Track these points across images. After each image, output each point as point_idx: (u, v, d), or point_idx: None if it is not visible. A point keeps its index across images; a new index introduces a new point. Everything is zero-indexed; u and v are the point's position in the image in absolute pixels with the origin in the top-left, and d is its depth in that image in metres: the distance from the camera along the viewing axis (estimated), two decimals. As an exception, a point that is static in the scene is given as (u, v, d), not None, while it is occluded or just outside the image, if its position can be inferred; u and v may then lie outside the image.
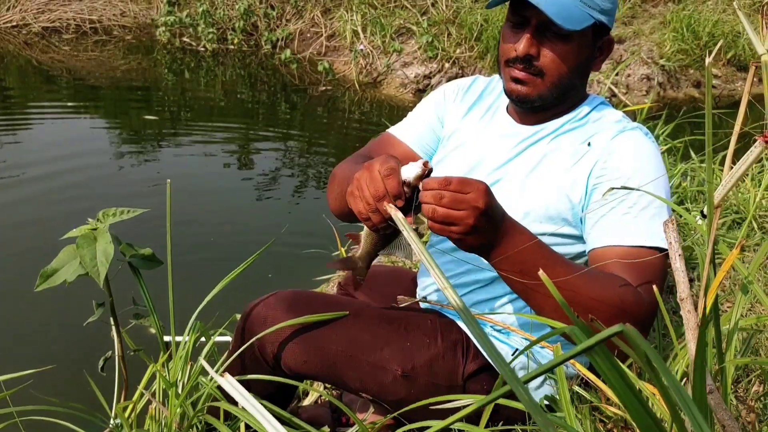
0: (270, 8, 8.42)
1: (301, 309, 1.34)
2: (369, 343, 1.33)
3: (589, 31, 1.24)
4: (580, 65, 1.28)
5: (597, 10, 1.22)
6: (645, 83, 6.67)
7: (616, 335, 0.46)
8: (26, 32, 8.69)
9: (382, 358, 1.32)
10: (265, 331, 1.33)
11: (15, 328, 2.61)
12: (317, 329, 1.33)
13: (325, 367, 1.34)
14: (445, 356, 1.33)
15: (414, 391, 1.31)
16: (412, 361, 1.32)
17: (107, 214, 1.48)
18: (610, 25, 1.27)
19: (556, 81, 1.26)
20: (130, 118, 5.87)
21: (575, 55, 1.25)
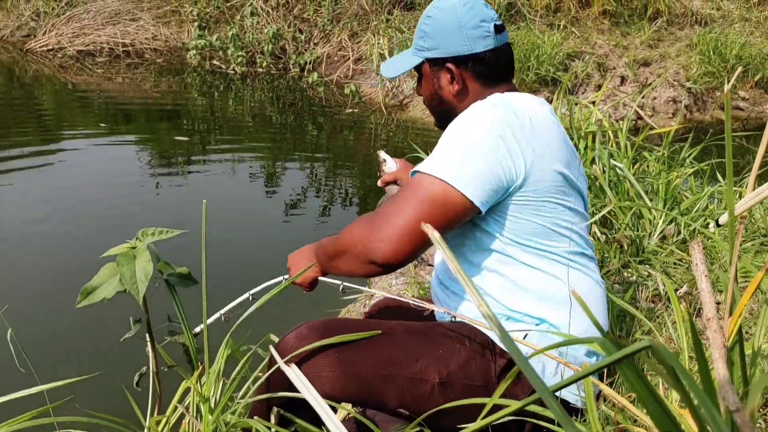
0: (298, 32, 8.56)
1: (333, 336, 1.36)
2: (403, 359, 1.35)
3: (425, 67, 1.55)
4: (433, 94, 1.57)
5: (423, 50, 1.53)
6: (671, 106, 6.65)
7: (644, 350, 0.48)
8: (62, 55, 8.92)
9: (418, 370, 1.35)
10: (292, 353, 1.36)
11: (56, 342, 2.67)
12: (351, 355, 1.35)
13: (364, 391, 1.36)
14: (476, 357, 1.37)
15: (452, 397, 1.34)
16: (447, 367, 1.35)
17: (146, 233, 1.53)
18: (444, 55, 1.49)
19: (432, 107, 1.61)
20: (161, 140, 5.98)
21: (426, 87, 1.58)
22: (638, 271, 2.36)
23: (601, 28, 7.61)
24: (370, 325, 1.43)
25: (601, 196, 2.82)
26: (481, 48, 1.46)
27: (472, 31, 1.45)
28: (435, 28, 1.49)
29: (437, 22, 1.48)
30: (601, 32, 7.52)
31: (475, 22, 1.45)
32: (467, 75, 1.50)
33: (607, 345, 0.54)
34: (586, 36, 7.34)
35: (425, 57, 1.53)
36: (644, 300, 2.11)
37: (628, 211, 2.71)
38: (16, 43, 9.68)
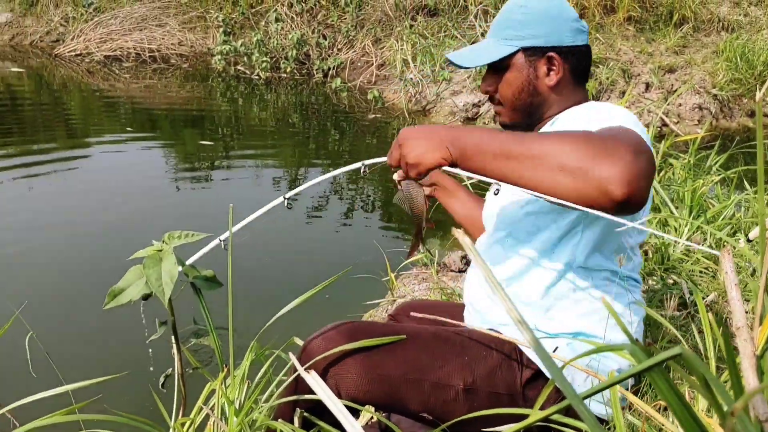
0: (322, 38, 8.61)
1: (360, 338, 1.36)
2: (429, 364, 1.35)
3: (519, 57, 1.45)
4: (526, 85, 1.46)
5: (516, 39, 1.44)
6: (697, 113, 6.58)
7: (674, 358, 0.48)
8: (89, 60, 9.05)
9: (443, 375, 1.34)
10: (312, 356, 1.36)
11: (82, 343, 2.70)
12: (376, 358, 1.35)
13: (388, 394, 1.35)
14: (502, 366, 1.36)
15: (476, 404, 1.34)
16: (473, 374, 1.35)
17: (172, 236, 1.55)
18: (546, 44, 1.42)
19: (513, 105, 1.49)
20: (186, 144, 6.04)
21: (515, 79, 1.46)
22: (663, 279, 2.34)
23: (625, 34, 7.56)
24: (395, 329, 1.43)
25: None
26: (581, 42, 1.45)
27: (574, 23, 1.44)
28: (534, 17, 1.43)
29: (537, 11, 1.43)
30: (626, 38, 7.47)
31: (573, 16, 1.45)
32: (566, 67, 1.45)
33: (637, 353, 0.54)
34: (610, 42, 7.30)
35: (522, 46, 1.44)
36: (670, 308, 2.10)
37: (654, 219, 2.69)
38: (45, 48, 9.84)
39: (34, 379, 2.34)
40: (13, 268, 3.37)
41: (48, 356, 1.63)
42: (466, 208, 1.79)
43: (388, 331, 1.41)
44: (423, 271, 3.08)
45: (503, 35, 1.46)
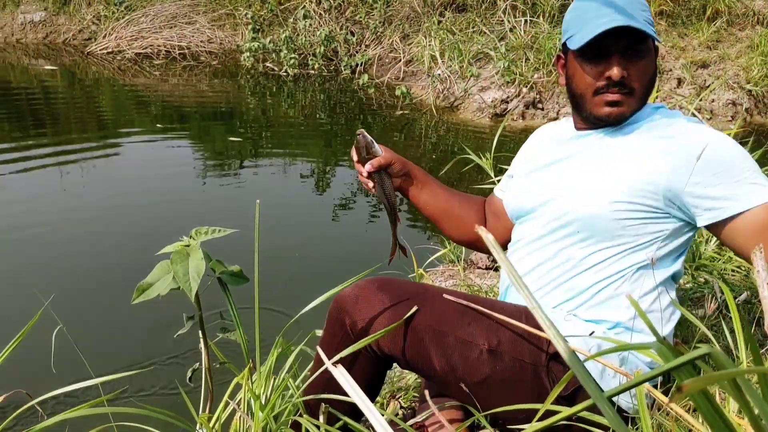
0: (350, 34, 8.62)
1: (392, 290, 1.39)
2: (456, 319, 1.36)
3: (650, 45, 1.41)
4: (653, 76, 1.44)
5: (651, 24, 1.39)
6: (730, 108, 6.46)
7: (703, 357, 0.47)
8: (120, 58, 9.17)
9: (469, 332, 1.35)
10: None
11: (110, 337, 2.74)
12: (407, 307, 1.36)
13: (413, 343, 1.36)
14: (530, 334, 1.35)
15: (499, 367, 1.34)
16: (498, 336, 1.35)
17: (200, 232, 1.56)
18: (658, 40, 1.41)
19: (641, 95, 1.42)
20: (215, 140, 6.09)
21: (650, 68, 1.42)
22: (695, 278, 2.30)
23: (657, 29, 7.44)
24: (427, 289, 1.45)
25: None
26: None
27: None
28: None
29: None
30: (658, 34, 7.36)
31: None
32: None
33: (664, 352, 0.52)
34: (642, 37, 7.19)
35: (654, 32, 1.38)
36: (700, 307, 2.06)
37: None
38: (77, 46, 9.99)
39: (61, 372, 2.38)
40: (41, 260, 3.43)
41: (77, 349, 1.65)
42: (439, 200, 1.74)
43: (419, 288, 1.44)
44: (450, 268, 3.07)
45: (643, 17, 1.37)
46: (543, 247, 1.48)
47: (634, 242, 1.37)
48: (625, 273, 1.38)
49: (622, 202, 1.35)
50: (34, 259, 3.44)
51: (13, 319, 2.78)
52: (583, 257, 1.41)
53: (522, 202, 1.58)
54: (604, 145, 1.46)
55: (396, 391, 2.04)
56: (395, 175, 1.69)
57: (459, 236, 1.80)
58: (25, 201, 4.28)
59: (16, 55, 9.74)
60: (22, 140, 5.72)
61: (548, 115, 6.56)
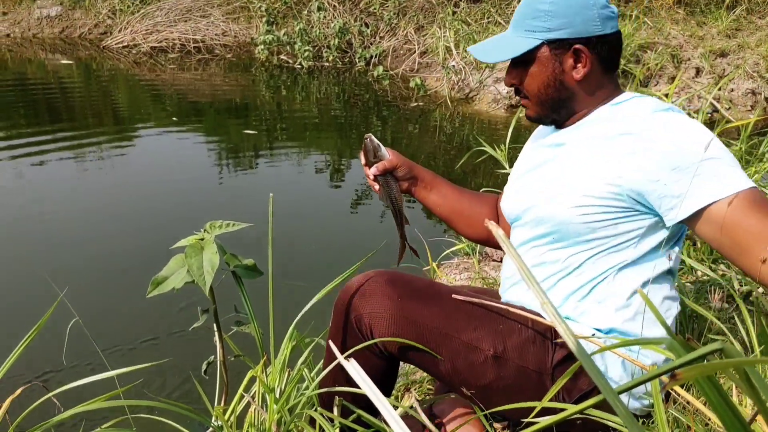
0: (364, 26, 8.60)
1: (400, 285, 1.38)
2: (462, 323, 1.35)
3: (543, 50, 1.39)
4: (552, 80, 1.41)
5: (541, 31, 1.38)
6: (750, 98, 6.38)
7: (715, 352, 0.46)
8: (136, 52, 9.22)
9: (474, 337, 1.34)
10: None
11: (125, 329, 2.76)
12: (413, 304, 1.36)
13: (419, 340, 1.36)
14: (535, 341, 1.34)
15: (503, 374, 1.33)
16: (504, 343, 1.34)
17: (214, 225, 1.56)
18: (572, 36, 1.36)
19: (537, 98, 1.45)
20: (230, 133, 6.11)
21: (540, 73, 1.42)
22: (713, 270, 2.28)
23: (675, 18, 7.36)
24: (435, 287, 1.44)
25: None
26: (609, 29, 1.38)
27: (602, 11, 1.37)
28: (560, 6, 1.36)
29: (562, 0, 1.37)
30: (676, 22, 7.27)
31: (603, 2, 1.37)
32: (594, 58, 1.39)
33: (675, 347, 0.52)
34: (659, 26, 7.12)
35: (546, 39, 1.38)
36: (717, 300, 2.04)
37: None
38: (93, 40, 10.05)
39: (76, 363, 2.40)
40: (56, 251, 3.46)
41: (94, 342, 1.67)
42: (449, 201, 1.72)
43: (428, 284, 1.43)
44: (465, 261, 3.06)
45: (527, 26, 1.40)
46: (528, 252, 1.47)
47: (609, 243, 1.33)
48: (607, 274, 1.34)
49: (587, 206, 1.31)
50: (49, 250, 3.47)
51: (29, 308, 2.82)
52: (563, 260, 1.39)
53: (510, 208, 1.56)
54: (572, 147, 1.43)
55: (410, 384, 2.04)
56: (402, 179, 1.67)
57: (472, 234, 1.78)
58: (41, 192, 4.32)
59: (33, 49, 9.81)
60: (39, 133, 5.77)
61: (564, 105, 6.51)
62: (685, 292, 1.92)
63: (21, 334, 1.28)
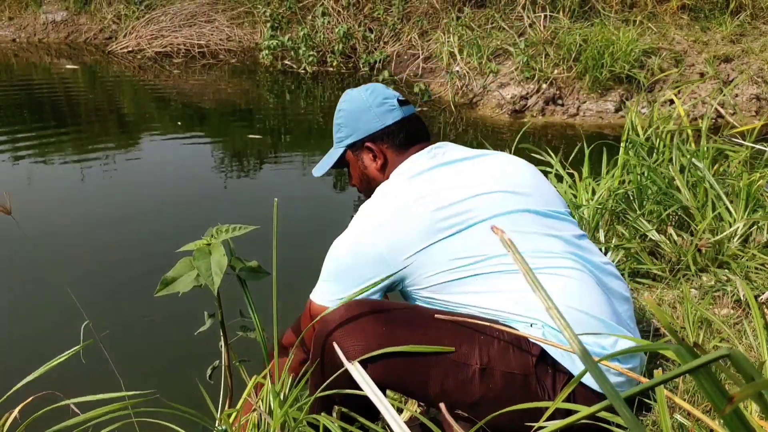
0: (368, 31, 8.61)
1: (382, 316, 1.40)
2: (448, 342, 1.37)
3: (348, 155, 1.77)
4: (361, 175, 1.78)
5: (342, 140, 1.77)
6: (754, 103, 6.37)
7: (722, 359, 0.46)
8: (140, 57, 9.24)
9: (462, 353, 1.36)
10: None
11: (132, 333, 2.76)
12: (399, 335, 1.37)
13: (407, 371, 1.37)
14: (514, 344, 1.37)
15: (491, 385, 1.35)
16: (488, 353, 1.36)
17: (220, 230, 1.57)
18: (360, 137, 1.72)
19: (361, 190, 1.84)
20: (234, 138, 6.12)
21: (354, 173, 1.80)
22: (717, 275, 2.27)
23: (679, 23, 7.36)
24: (416, 308, 1.49)
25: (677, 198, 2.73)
26: (391, 120, 1.69)
27: (379, 109, 1.69)
28: (346, 117, 1.73)
29: (347, 111, 1.73)
30: (680, 28, 7.27)
31: (379, 101, 1.69)
32: (384, 147, 1.70)
33: (682, 353, 0.52)
34: (663, 32, 7.12)
35: (345, 145, 1.75)
36: (724, 306, 2.04)
37: (709, 213, 2.61)
38: (98, 45, 10.09)
39: (83, 369, 2.40)
40: (61, 255, 3.47)
41: (104, 349, 1.67)
42: None
43: (408, 309, 1.49)
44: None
45: (336, 139, 1.78)
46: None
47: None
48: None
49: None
50: (54, 254, 3.48)
51: (36, 311, 2.83)
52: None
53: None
54: None
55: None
56: None
57: None
58: (46, 196, 4.33)
59: (39, 54, 9.85)
60: (44, 138, 5.79)
61: (568, 111, 6.51)
62: (689, 298, 1.91)
63: (31, 336, 1.28)
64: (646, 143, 3.28)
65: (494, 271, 1.43)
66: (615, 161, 3.09)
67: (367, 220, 1.56)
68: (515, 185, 1.57)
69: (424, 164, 1.62)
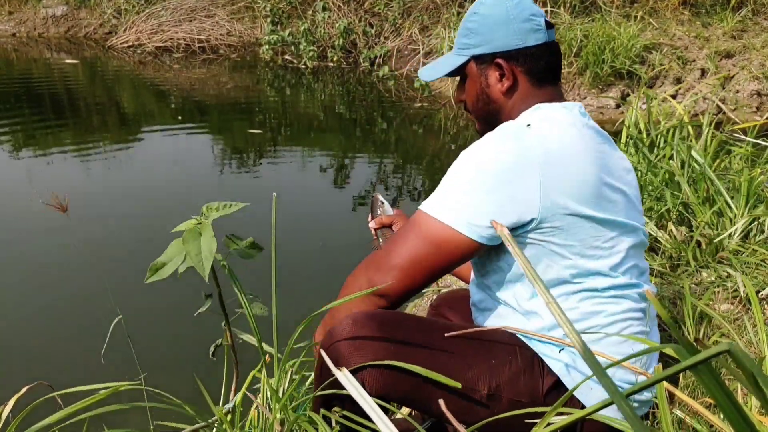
0: (369, 26, 8.60)
1: (390, 330, 1.32)
2: (457, 365, 1.32)
3: (471, 66, 1.49)
4: (480, 93, 1.50)
5: (468, 48, 1.48)
6: (755, 99, 6.36)
7: (722, 354, 0.46)
8: (141, 52, 9.23)
9: (469, 378, 1.31)
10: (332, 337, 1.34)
11: (128, 319, 2.75)
12: (407, 352, 1.30)
13: (413, 389, 1.32)
14: (525, 372, 1.33)
15: (497, 411, 1.30)
16: (497, 379, 1.31)
17: (210, 208, 1.54)
18: (492, 51, 1.44)
19: (474, 112, 1.55)
20: (234, 133, 6.11)
21: (471, 88, 1.52)
22: (717, 271, 2.27)
23: (680, 18, 7.34)
24: (426, 324, 1.40)
25: (677, 193, 2.73)
26: (533, 42, 1.42)
27: (523, 24, 1.41)
28: (482, 23, 1.45)
29: (484, 17, 1.44)
30: (681, 23, 7.25)
31: (525, 15, 1.42)
32: (518, 71, 1.44)
33: (680, 350, 0.51)
34: (664, 27, 7.10)
35: (471, 54, 1.47)
36: (724, 301, 2.03)
37: (708, 208, 2.60)
38: (98, 40, 10.07)
39: (77, 353, 2.40)
40: (58, 250, 3.46)
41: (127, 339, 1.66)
42: None
43: (421, 324, 1.38)
44: (468, 261, 3.05)
45: (459, 44, 1.50)
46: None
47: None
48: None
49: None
50: (50, 249, 3.47)
51: (34, 300, 2.82)
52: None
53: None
54: None
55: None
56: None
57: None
58: (45, 189, 4.33)
59: (39, 49, 9.84)
60: (44, 132, 5.78)
61: (568, 106, 6.50)
62: (690, 293, 1.91)
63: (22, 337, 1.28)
64: (647, 139, 3.27)
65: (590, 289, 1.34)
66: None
67: (527, 146, 1.28)
68: (638, 198, 1.44)
69: (580, 119, 1.39)
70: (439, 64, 1.56)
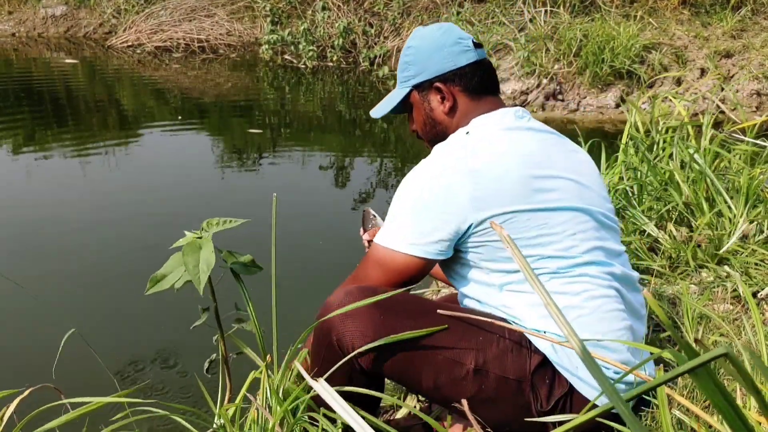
0: (368, 26, 8.60)
1: (384, 301, 1.38)
2: (446, 339, 1.37)
3: (414, 95, 1.62)
4: (426, 118, 1.63)
5: (408, 80, 1.61)
6: (755, 99, 6.36)
7: (720, 357, 0.46)
8: (140, 51, 9.23)
9: (457, 352, 1.36)
10: (333, 313, 1.39)
11: (128, 329, 2.76)
12: (396, 323, 1.37)
13: (402, 362, 1.38)
14: (513, 350, 1.37)
15: (484, 386, 1.35)
16: (484, 355, 1.36)
17: (211, 223, 1.55)
18: (430, 77, 1.57)
19: (424, 137, 1.69)
20: (234, 132, 6.12)
21: (418, 115, 1.65)
22: (716, 271, 2.27)
23: (680, 18, 7.34)
24: (418, 300, 1.48)
25: (677, 194, 2.73)
26: (464, 61, 1.55)
27: (453, 48, 1.55)
28: (417, 54, 1.58)
29: (418, 48, 1.58)
30: (681, 23, 7.25)
31: (453, 40, 1.55)
32: (455, 90, 1.56)
33: (679, 356, 0.51)
34: (664, 27, 7.10)
35: (412, 85, 1.60)
36: (723, 302, 2.03)
37: (709, 209, 2.61)
38: (98, 39, 10.07)
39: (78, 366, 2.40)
40: (56, 252, 3.46)
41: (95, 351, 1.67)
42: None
43: (409, 299, 1.46)
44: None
45: (401, 79, 1.63)
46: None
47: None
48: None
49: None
50: (50, 249, 3.47)
51: (27, 303, 2.82)
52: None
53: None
54: None
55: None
56: None
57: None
58: (43, 190, 4.33)
59: (38, 49, 9.83)
60: (44, 131, 5.78)
61: (568, 106, 6.50)
62: (689, 294, 1.91)
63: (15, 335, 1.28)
64: (647, 139, 3.27)
65: (549, 272, 1.38)
66: (615, 157, 3.08)
67: (456, 160, 1.40)
68: (595, 185, 1.51)
69: (514, 122, 1.49)
70: (386, 101, 1.70)
